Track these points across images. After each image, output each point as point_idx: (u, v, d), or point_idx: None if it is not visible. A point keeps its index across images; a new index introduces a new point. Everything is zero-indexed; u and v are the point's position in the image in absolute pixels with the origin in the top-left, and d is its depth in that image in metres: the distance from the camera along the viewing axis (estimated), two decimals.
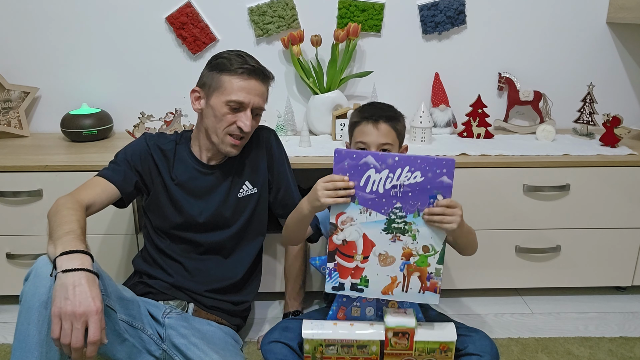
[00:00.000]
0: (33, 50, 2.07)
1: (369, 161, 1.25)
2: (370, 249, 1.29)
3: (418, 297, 1.31)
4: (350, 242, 1.29)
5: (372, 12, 2.06)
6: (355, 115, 1.51)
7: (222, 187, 1.52)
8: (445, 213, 1.25)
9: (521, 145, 1.90)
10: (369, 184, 1.26)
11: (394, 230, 1.28)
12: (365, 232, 1.28)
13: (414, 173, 1.24)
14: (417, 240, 1.28)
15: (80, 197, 1.31)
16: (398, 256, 1.29)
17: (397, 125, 1.48)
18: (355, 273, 1.31)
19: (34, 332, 1.08)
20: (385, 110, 1.49)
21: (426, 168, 1.23)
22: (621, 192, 1.78)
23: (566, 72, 2.16)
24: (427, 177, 1.24)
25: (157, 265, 1.52)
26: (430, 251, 1.28)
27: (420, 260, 1.29)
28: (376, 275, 1.30)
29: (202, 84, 1.44)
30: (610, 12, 2.08)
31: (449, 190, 1.24)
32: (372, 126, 1.45)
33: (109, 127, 2.06)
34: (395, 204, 1.26)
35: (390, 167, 1.24)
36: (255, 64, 1.42)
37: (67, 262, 1.05)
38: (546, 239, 1.82)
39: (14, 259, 1.77)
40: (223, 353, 1.37)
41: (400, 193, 1.26)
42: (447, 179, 1.23)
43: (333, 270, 1.31)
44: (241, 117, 1.41)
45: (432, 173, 1.23)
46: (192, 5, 2.03)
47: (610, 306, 1.88)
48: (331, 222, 1.28)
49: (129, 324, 1.28)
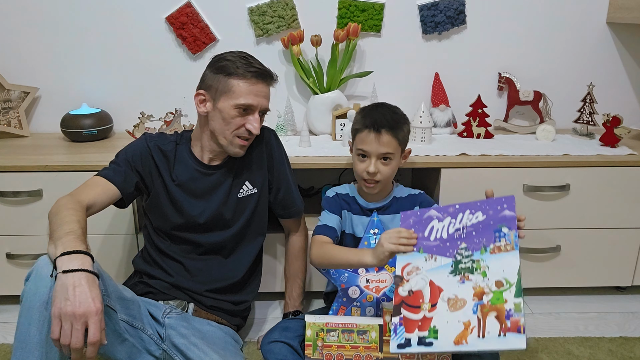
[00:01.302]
0: (33, 50, 2.07)
1: (432, 214, 1.25)
2: (438, 295, 1.18)
3: (499, 342, 1.09)
4: (416, 291, 1.21)
5: (372, 12, 2.06)
6: (359, 121, 1.49)
7: (222, 188, 1.52)
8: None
9: (521, 145, 1.90)
10: (432, 233, 1.24)
11: (461, 271, 1.19)
12: (432, 279, 1.20)
13: (475, 214, 1.23)
14: (488, 276, 1.16)
15: (81, 197, 1.30)
16: (469, 297, 1.15)
17: (399, 134, 1.47)
18: (422, 324, 1.18)
19: (34, 332, 1.08)
20: (388, 117, 1.46)
21: (487, 207, 1.22)
22: (621, 192, 1.78)
23: (566, 72, 2.16)
24: (489, 215, 1.22)
25: (157, 265, 1.52)
26: (504, 285, 1.14)
27: (495, 297, 1.14)
28: (446, 323, 1.15)
29: (207, 87, 1.43)
30: (610, 12, 2.08)
31: (514, 222, 1.20)
32: (374, 136, 1.44)
33: (109, 127, 2.06)
34: (460, 244, 1.22)
35: (452, 214, 1.24)
36: (261, 66, 1.43)
37: (67, 263, 1.05)
38: (546, 239, 1.82)
39: (14, 259, 1.77)
40: (223, 353, 1.37)
41: (464, 234, 1.22)
42: (510, 212, 1.20)
43: (399, 325, 1.19)
44: (250, 120, 1.43)
45: (493, 210, 1.22)
46: (192, 5, 2.03)
47: (610, 306, 1.88)
48: (397, 274, 1.23)
49: (129, 324, 1.28)
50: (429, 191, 1.81)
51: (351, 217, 1.57)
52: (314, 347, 1.34)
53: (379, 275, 1.49)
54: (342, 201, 1.57)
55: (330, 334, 1.34)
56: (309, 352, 1.34)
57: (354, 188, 1.60)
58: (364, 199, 1.57)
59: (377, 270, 1.49)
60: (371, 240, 1.50)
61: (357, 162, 1.51)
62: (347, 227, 1.57)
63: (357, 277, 1.49)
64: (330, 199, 1.58)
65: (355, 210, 1.56)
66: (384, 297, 1.43)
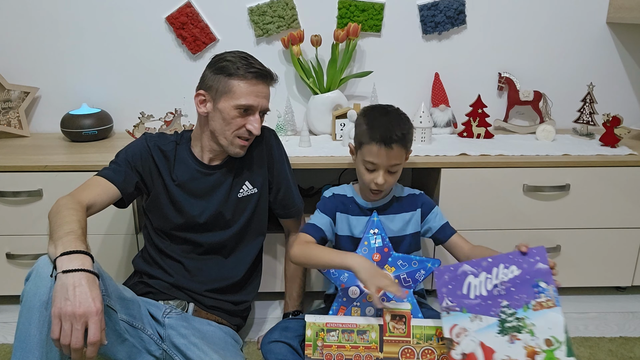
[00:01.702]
0: (33, 50, 2.07)
1: (466, 269, 1.28)
2: (491, 357, 1.21)
3: None
4: (469, 354, 1.22)
5: (372, 12, 2.06)
6: (365, 133, 1.44)
7: (222, 188, 1.52)
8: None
9: (521, 145, 1.90)
10: (471, 290, 1.26)
11: (509, 330, 1.22)
12: (482, 340, 1.22)
13: (509, 268, 1.25)
14: (536, 334, 1.20)
15: (81, 197, 1.30)
16: (522, 358, 1.18)
17: (408, 145, 1.48)
18: None
19: (34, 332, 1.08)
20: (397, 131, 1.42)
21: (520, 261, 1.25)
22: (621, 192, 1.78)
23: (566, 72, 2.16)
24: (524, 269, 1.25)
25: (157, 265, 1.52)
26: (554, 344, 1.18)
27: (548, 357, 1.18)
28: None
29: (207, 87, 1.43)
30: (610, 12, 2.08)
31: (549, 275, 1.24)
32: (385, 151, 1.42)
33: (109, 127, 2.06)
34: (502, 302, 1.24)
35: (486, 268, 1.26)
36: (261, 67, 1.43)
37: (67, 263, 1.05)
38: (546, 239, 1.82)
39: (14, 259, 1.77)
40: (223, 353, 1.37)
41: (503, 290, 1.25)
42: (543, 264, 1.24)
43: None
44: (251, 121, 1.43)
45: (526, 264, 1.25)
46: (192, 5, 2.03)
47: (610, 306, 1.88)
48: (446, 337, 1.25)
49: (129, 324, 1.28)
50: (429, 191, 1.81)
51: (348, 219, 1.56)
52: (314, 347, 1.34)
53: None
54: (339, 203, 1.57)
55: (330, 334, 1.34)
56: (309, 352, 1.34)
57: (353, 188, 1.60)
58: (363, 199, 1.57)
59: None
60: (371, 240, 1.50)
61: (364, 172, 1.48)
62: (343, 230, 1.56)
63: None
64: (326, 199, 1.58)
65: (354, 211, 1.56)
66: (383, 297, 1.43)
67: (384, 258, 1.49)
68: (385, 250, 1.49)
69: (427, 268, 1.47)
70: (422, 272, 1.47)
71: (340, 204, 1.57)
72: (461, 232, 1.62)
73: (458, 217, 1.72)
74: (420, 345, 1.33)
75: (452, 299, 1.27)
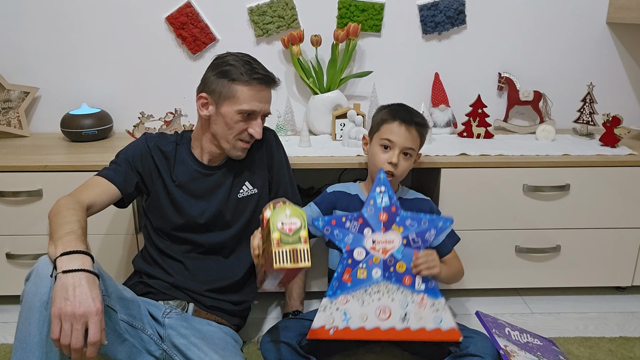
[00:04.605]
0: (33, 50, 2.07)
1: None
2: None
3: None
4: None
5: (372, 12, 2.06)
6: (387, 113, 1.54)
7: (222, 188, 1.52)
8: (427, 261, 1.37)
9: (521, 145, 1.90)
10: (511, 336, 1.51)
11: None
12: None
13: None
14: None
15: (81, 197, 1.31)
16: None
17: (424, 134, 1.55)
18: None
19: (34, 332, 1.08)
20: (417, 116, 1.54)
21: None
22: (621, 192, 1.78)
23: (566, 72, 2.16)
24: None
25: (157, 265, 1.52)
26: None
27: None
28: None
29: (210, 91, 1.43)
30: (610, 12, 2.08)
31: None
32: (405, 128, 1.49)
33: (109, 127, 2.06)
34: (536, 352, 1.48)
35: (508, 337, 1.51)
36: (265, 72, 1.43)
37: (67, 263, 1.05)
38: (546, 239, 1.82)
39: (14, 259, 1.77)
40: (223, 353, 1.37)
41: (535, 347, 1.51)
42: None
43: None
44: (253, 125, 1.44)
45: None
46: (192, 5, 2.03)
47: (610, 306, 1.88)
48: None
49: (129, 324, 1.28)
50: (429, 191, 1.81)
51: None
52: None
53: (385, 235, 1.42)
54: (339, 199, 1.57)
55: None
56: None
57: (358, 186, 1.60)
58: None
59: (384, 230, 1.42)
60: (377, 198, 1.43)
61: (378, 152, 1.52)
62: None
63: (362, 237, 1.42)
64: (326, 194, 1.59)
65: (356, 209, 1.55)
66: (390, 259, 1.39)
67: (392, 217, 1.42)
68: (392, 210, 1.42)
69: (439, 227, 1.41)
70: (433, 232, 1.41)
71: (341, 201, 1.57)
72: (461, 232, 1.63)
73: (458, 217, 1.72)
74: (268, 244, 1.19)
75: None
